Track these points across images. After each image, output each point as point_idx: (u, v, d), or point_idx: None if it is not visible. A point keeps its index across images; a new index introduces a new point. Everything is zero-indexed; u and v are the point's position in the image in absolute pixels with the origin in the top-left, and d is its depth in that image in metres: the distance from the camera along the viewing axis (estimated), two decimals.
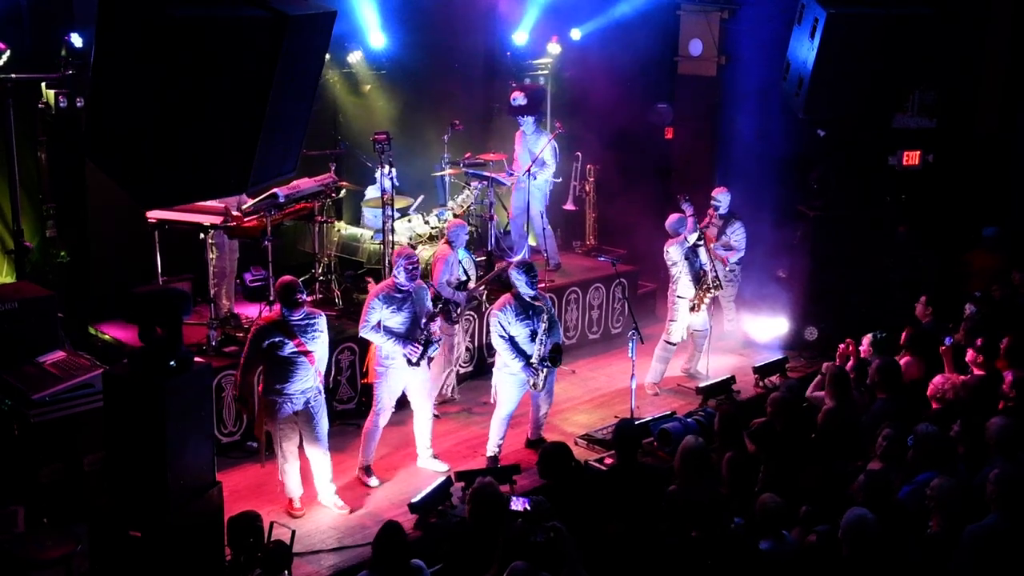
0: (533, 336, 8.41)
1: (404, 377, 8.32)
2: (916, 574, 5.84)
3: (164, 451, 6.12)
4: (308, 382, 7.70)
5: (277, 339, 7.53)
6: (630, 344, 9.21)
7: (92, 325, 9.46)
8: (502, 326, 8.36)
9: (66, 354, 7.90)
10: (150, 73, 5.56)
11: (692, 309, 10.21)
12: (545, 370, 8.51)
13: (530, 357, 8.37)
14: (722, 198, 11.13)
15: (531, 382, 8.46)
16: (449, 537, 6.96)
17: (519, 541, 5.60)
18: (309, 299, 9.71)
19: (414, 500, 7.58)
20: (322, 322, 7.83)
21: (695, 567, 5.91)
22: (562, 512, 6.39)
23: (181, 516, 6.26)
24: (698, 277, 10.15)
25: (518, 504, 6.51)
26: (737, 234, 11.11)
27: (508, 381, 8.54)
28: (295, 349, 7.57)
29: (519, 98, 11.63)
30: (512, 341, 8.36)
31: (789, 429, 7.71)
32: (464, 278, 9.24)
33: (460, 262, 9.31)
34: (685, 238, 10.08)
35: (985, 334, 8.73)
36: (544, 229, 11.56)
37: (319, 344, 7.76)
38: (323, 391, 7.92)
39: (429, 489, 7.71)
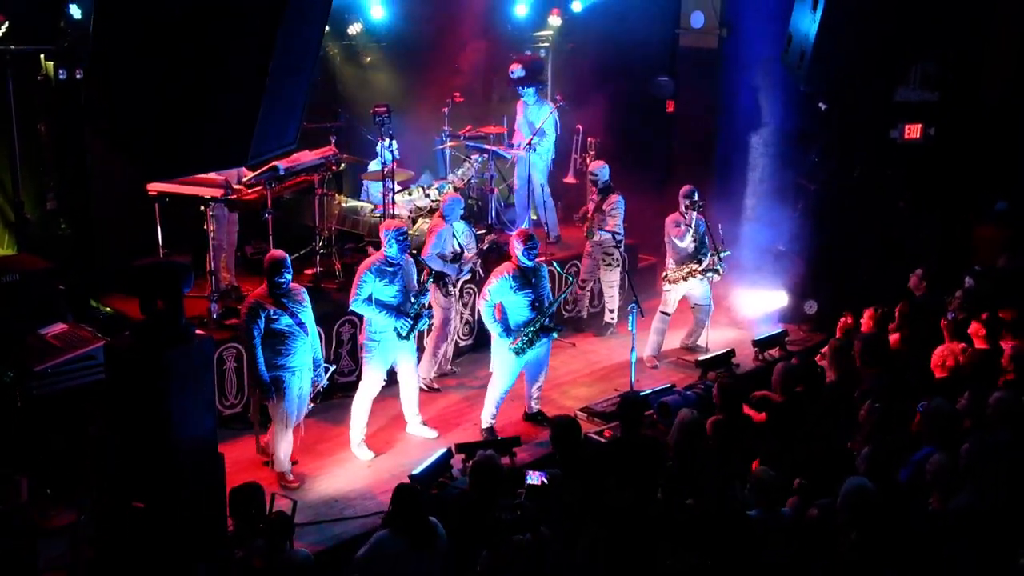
0: (534, 305, 8.43)
1: (393, 350, 8.34)
2: (918, 551, 5.86)
3: (166, 423, 6.15)
4: (307, 355, 7.75)
5: (272, 312, 7.56)
6: (630, 317, 9.23)
7: (93, 297, 9.47)
8: (490, 292, 8.40)
9: (68, 326, 7.92)
10: (150, 43, 5.53)
11: (665, 277, 10.26)
12: (541, 339, 8.55)
13: (515, 326, 8.41)
14: (600, 172, 10.78)
15: (514, 348, 8.46)
16: (450, 509, 7.00)
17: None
18: (309, 272, 9.78)
19: (414, 472, 7.60)
20: (305, 294, 7.88)
21: (694, 537, 5.96)
22: (568, 484, 6.45)
23: (183, 487, 6.30)
24: (688, 255, 10.16)
25: (535, 478, 6.53)
26: (614, 210, 10.59)
27: (504, 354, 8.57)
28: (291, 321, 7.61)
29: (517, 70, 11.58)
30: (496, 308, 8.42)
31: (790, 401, 7.75)
32: (457, 250, 9.23)
33: (455, 235, 9.29)
34: (681, 214, 10.13)
35: (984, 307, 8.73)
36: (545, 202, 11.55)
37: (307, 316, 7.81)
38: (321, 365, 7.98)
39: (429, 461, 7.74)
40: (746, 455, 7.31)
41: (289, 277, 7.66)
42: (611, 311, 11.14)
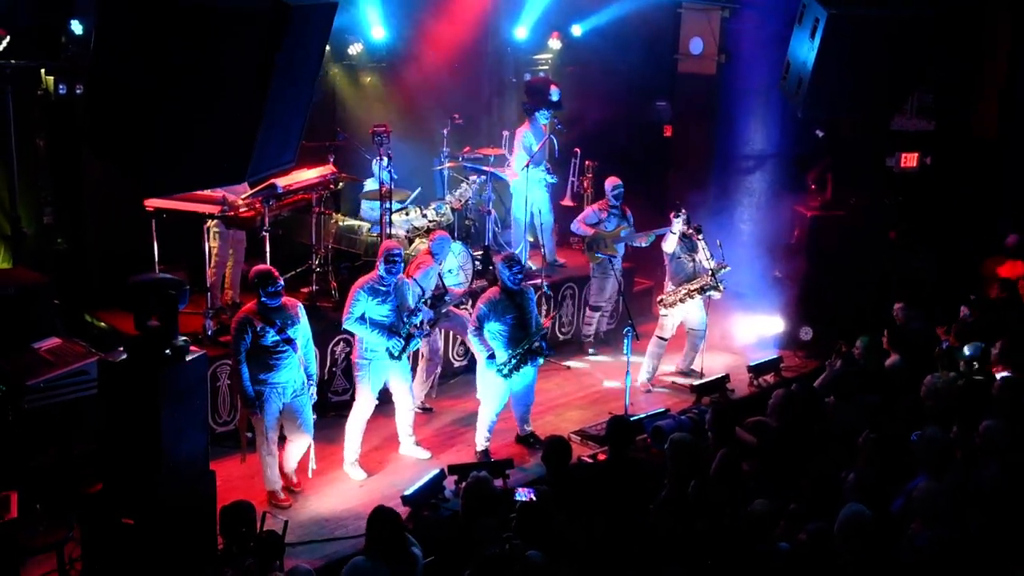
0: (522, 325, 8.42)
1: (385, 369, 8.33)
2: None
3: (158, 439, 6.14)
4: (294, 372, 7.70)
5: (259, 328, 7.52)
6: (625, 341, 9.23)
7: (88, 312, 9.45)
8: (478, 318, 8.41)
9: (61, 341, 7.90)
10: (149, 61, 5.55)
11: (660, 302, 10.24)
12: (528, 363, 8.53)
13: (502, 349, 8.39)
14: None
15: (500, 370, 8.45)
16: (441, 530, 6.97)
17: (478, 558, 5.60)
18: (305, 290, 9.76)
19: (407, 493, 7.58)
20: (300, 311, 7.82)
21: (691, 560, 5.93)
22: (558, 506, 6.42)
23: (174, 504, 6.28)
24: (688, 276, 10.17)
25: (524, 495, 6.50)
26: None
27: (491, 378, 8.55)
28: (277, 337, 7.57)
29: (559, 91, 11.72)
30: (483, 334, 8.43)
31: (786, 428, 7.73)
32: (441, 291, 9.16)
33: (440, 275, 9.24)
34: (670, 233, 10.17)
35: (978, 337, 8.73)
36: (541, 224, 11.59)
37: (300, 332, 7.75)
38: (314, 382, 7.92)
39: (422, 482, 7.72)
40: (740, 481, 7.29)
41: (279, 287, 7.58)
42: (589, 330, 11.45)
